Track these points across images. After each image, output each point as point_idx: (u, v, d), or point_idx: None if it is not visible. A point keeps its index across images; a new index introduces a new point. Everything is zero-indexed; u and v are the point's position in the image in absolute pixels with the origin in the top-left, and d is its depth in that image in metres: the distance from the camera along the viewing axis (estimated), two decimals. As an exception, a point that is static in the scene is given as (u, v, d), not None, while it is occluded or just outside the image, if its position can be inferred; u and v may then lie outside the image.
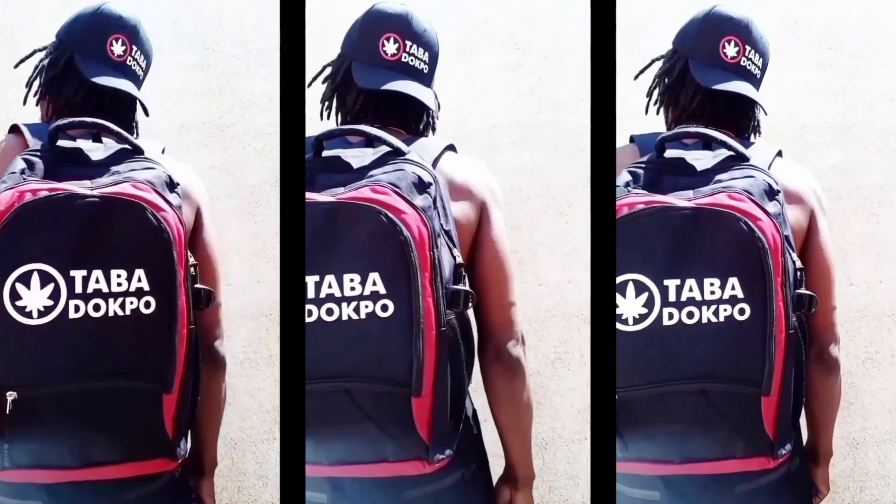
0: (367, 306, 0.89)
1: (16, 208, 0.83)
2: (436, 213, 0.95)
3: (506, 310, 1.05)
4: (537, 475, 1.13)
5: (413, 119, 1.10)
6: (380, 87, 1.06)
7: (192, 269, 0.98)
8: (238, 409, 1.79)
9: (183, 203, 1.03)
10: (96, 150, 0.98)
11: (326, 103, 1.12)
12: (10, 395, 0.83)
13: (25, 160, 0.91)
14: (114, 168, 0.95)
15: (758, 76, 1.08)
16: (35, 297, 0.83)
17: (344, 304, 0.88)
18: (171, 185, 0.98)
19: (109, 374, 0.89)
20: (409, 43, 1.07)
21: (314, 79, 1.13)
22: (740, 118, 1.08)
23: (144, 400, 0.91)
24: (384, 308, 0.89)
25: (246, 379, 1.80)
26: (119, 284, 0.88)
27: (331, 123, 1.15)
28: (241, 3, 1.89)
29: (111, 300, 0.87)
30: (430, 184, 0.96)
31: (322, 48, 1.89)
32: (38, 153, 0.93)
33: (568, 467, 1.80)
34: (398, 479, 0.96)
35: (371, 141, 1.01)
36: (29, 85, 1.10)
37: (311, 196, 0.92)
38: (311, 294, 0.88)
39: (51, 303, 0.84)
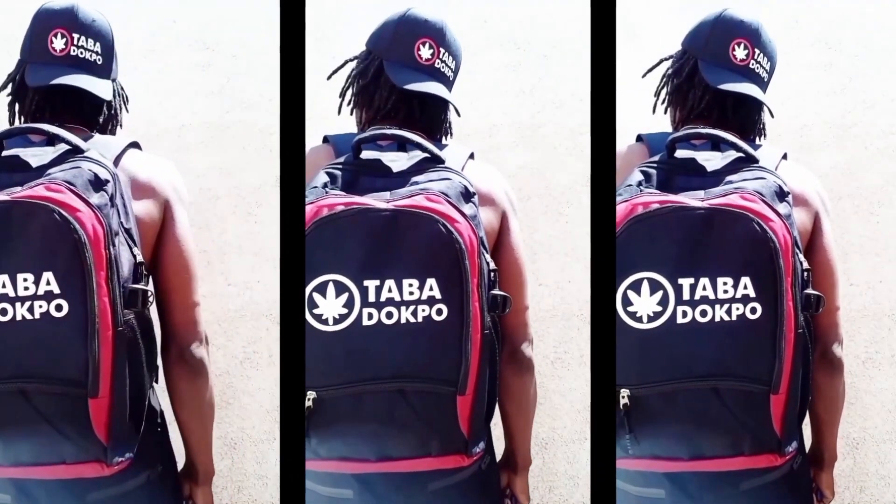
0: (423, 310, 0.93)
1: None
2: (477, 221, 1.00)
3: (521, 314, 1.10)
4: (537, 475, 1.13)
5: (438, 123, 1.14)
6: (417, 88, 1.08)
7: (142, 269, 0.95)
8: (238, 409, 1.79)
9: (143, 199, 1.00)
10: (42, 155, 0.95)
11: (351, 99, 1.13)
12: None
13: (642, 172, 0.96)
14: (49, 171, 0.92)
15: (765, 79, 1.10)
16: None
17: (402, 308, 0.92)
18: (98, 183, 0.93)
19: (23, 376, 0.87)
20: (442, 50, 1.11)
21: (335, 72, 1.15)
22: (747, 120, 1.09)
23: (66, 404, 0.88)
24: (439, 312, 0.93)
25: (246, 379, 1.80)
26: (26, 288, 0.85)
27: (349, 120, 1.16)
28: (241, 3, 1.89)
29: (18, 304, 0.85)
30: (474, 194, 1.00)
31: (322, 48, 1.89)
32: None
33: (568, 467, 1.80)
34: (424, 474, 1.01)
35: (403, 144, 1.02)
36: None
37: (361, 200, 0.93)
38: (371, 298, 0.91)
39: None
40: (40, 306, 0.86)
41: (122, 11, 1.93)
